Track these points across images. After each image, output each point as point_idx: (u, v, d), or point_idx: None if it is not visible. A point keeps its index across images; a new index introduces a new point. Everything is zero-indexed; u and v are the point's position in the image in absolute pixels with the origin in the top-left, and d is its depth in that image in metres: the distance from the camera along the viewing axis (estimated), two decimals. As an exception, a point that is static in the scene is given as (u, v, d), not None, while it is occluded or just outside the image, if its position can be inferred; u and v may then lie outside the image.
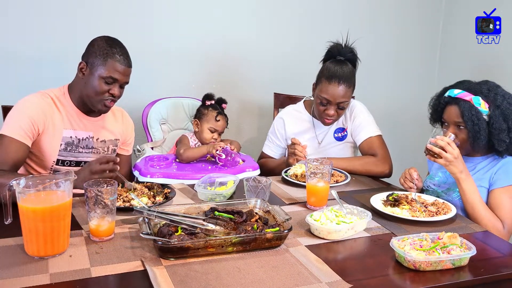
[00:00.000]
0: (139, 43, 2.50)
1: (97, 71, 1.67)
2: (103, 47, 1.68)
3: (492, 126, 1.59)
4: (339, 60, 2.01)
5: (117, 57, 1.67)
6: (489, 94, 1.62)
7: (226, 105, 2.19)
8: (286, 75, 2.84)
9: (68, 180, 1.22)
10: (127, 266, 1.15)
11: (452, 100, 1.66)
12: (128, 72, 1.73)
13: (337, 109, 2.00)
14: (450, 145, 1.56)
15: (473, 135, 1.61)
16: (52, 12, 2.32)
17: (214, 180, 1.73)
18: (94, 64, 1.68)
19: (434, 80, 3.25)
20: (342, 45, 2.03)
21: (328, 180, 1.57)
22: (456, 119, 1.64)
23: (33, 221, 1.16)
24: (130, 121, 1.99)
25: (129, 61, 1.72)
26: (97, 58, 1.67)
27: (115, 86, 1.70)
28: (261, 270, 1.14)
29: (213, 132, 2.12)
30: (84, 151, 1.80)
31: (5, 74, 2.31)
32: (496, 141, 1.60)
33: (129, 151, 2.01)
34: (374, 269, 1.20)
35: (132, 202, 1.50)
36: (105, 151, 1.86)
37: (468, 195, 1.58)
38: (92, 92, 1.69)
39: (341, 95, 1.96)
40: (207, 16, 2.63)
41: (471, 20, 2.86)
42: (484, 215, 1.55)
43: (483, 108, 1.60)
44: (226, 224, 1.31)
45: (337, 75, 1.95)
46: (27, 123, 1.64)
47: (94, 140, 1.82)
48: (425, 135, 3.31)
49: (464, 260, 1.20)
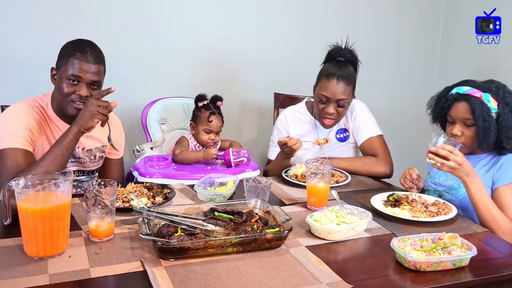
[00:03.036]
0: (139, 43, 2.50)
1: (62, 73, 1.63)
2: (67, 49, 1.65)
3: (501, 123, 1.59)
4: (338, 61, 2.02)
5: (78, 55, 1.61)
6: (498, 92, 1.61)
7: (221, 102, 2.14)
8: (286, 75, 2.84)
9: (68, 181, 1.21)
10: (126, 266, 1.15)
11: (461, 96, 1.64)
12: (93, 69, 1.63)
13: (337, 107, 2.00)
14: (453, 152, 1.49)
15: (483, 132, 1.59)
16: (52, 12, 2.32)
17: (214, 180, 1.73)
18: (60, 67, 1.64)
19: (434, 80, 3.25)
20: (342, 47, 2.04)
21: (328, 181, 1.57)
22: (466, 115, 1.62)
23: (32, 221, 1.15)
24: (118, 123, 1.93)
25: (93, 58, 1.63)
26: (62, 60, 1.64)
27: (81, 85, 1.63)
28: (261, 271, 1.14)
29: (209, 133, 2.10)
30: (70, 161, 1.73)
31: (5, 74, 2.31)
32: (504, 138, 1.60)
33: (119, 154, 1.95)
34: (375, 270, 1.20)
35: (131, 203, 1.50)
36: (91, 159, 1.81)
37: (476, 196, 1.52)
38: (60, 95, 1.64)
39: (340, 91, 1.96)
40: (207, 16, 2.62)
41: (471, 20, 2.86)
42: (496, 214, 1.50)
43: (492, 105, 1.60)
44: (226, 224, 1.31)
45: (336, 73, 1.96)
46: (24, 130, 1.58)
47: (79, 150, 1.76)
48: (425, 135, 3.30)
49: (465, 260, 1.19)
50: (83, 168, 1.82)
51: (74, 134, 1.55)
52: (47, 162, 1.50)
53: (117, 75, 2.13)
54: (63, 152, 1.53)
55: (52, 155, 1.51)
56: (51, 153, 1.52)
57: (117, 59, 2.13)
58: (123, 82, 2.46)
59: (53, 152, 1.52)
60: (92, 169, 1.85)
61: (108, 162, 1.92)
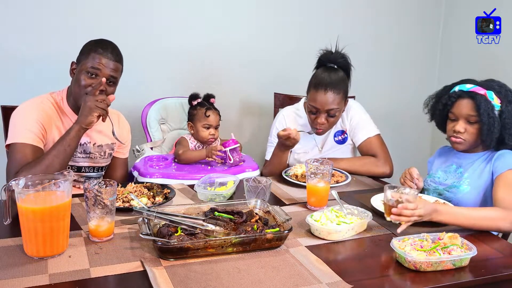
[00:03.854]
0: (139, 43, 2.50)
1: (82, 66, 1.68)
2: (90, 45, 1.71)
3: (505, 120, 1.60)
4: (328, 67, 1.98)
5: (99, 50, 1.67)
6: (501, 90, 1.63)
7: (214, 99, 2.16)
8: (286, 75, 2.84)
9: (68, 180, 1.21)
10: (126, 266, 1.15)
11: (464, 93, 1.64)
12: (113, 66, 1.69)
13: (328, 117, 1.96)
14: (407, 208, 1.34)
15: (488, 128, 1.60)
16: (52, 12, 2.32)
17: (214, 180, 1.73)
18: (80, 61, 1.69)
19: (434, 80, 3.24)
20: (332, 51, 2.00)
21: (328, 181, 1.57)
22: (470, 112, 1.62)
23: (32, 221, 1.16)
24: (127, 124, 1.98)
25: (114, 56, 1.70)
26: (83, 55, 1.70)
27: (99, 79, 1.66)
28: (261, 271, 1.14)
29: (208, 128, 2.11)
30: (82, 157, 1.79)
31: (5, 74, 2.31)
32: (507, 135, 1.61)
33: (125, 154, 1.98)
34: (375, 270, 1.20)
35: (131, 203, 1.50)
36: (101, 155, 1.85)
37: (454, 221, 1.42)
38: (77, 88, 1.68)
39: (329, 102, 1.91)
40: (207, 16, 2.62)
41: (471, 20, 2.86)
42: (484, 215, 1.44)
43: (495, 103, 1.61)
44: (226, 224, 1.31)
45: (324, 83, 1.91)
46: (36, 126, 1.63)
47: (91, 145, 1.80)
48: (425, 135, 3.33)
49: (465, 260, 1.19)
50: (94, 164, 1.84)
51: (76, 131, 1.60)
52: (50, 157, 1.56)
53: (117, 75, 2.14)
54: (65, 148, 1.58)
55: (55, 151, 1.57)
56: (54, 149, 1.58)
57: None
58: (123, 82, 2.44)
59: (56, 148, 1.58)
60: (102, 165, 1.88)
61: (114, 161, 1.94)
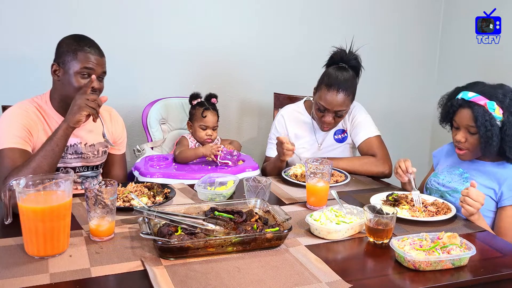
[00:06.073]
0: (139, 43, 2.51)
1: (71, 68, 1.64)
2: (71, 44, 1.66)
3: (505, 132, 1.56)
4: (340, 67, 1.99)
5: (86, 49, 1.64)
6: (504, 100, 1.57)
7: (216, 99, 2.17)
8: (286, 75, 2.84)
9: (68, 180, 1.22)
10: (127, 266, 1.15)
11: (465, 103, 1.61)
12: (101, 62, 1.68)
13: (335, 117, 1.99)
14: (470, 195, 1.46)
15: (485, 141, 1.57)
16: (52, 12, 2.33)
17: (214, 180, 1.73)
18: (66, 62, 1.64)
19: (434, 80, 3.25)
20: (346, 51, 2.01)
21: (328, 180, 1.57)
22: (469, 123, 1.60)
23: (33, 221, 1.16)
24: (119, 119, 1.95)
25: (100, 51, 1.68)
26: (68, 55, 1.64)
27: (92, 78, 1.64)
28: (261, 270, 1.14)
29: (205, 129, 2.12)
30: (73, 157, 1.76)
31: (5, 74, 2.31)
32: (508, 148, 1.57)
33: (122, 150, 1.96)
34: (374, 269, 1.20)
35: (132, 202, 1.50)
36: (94, 154, 1.82)
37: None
38: (71, 91, 1.64)
39: (339, 103, 1.94)
40: (207, 16, 2.63)
41: (471, 20, 2.86)
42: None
43: (497, 114, 1.56)
44: (226, 224, 1.31)
45: (337, 83, 1.92)
46: (22, 131, 1.60)
47: (82, 145, 1.78)
48: (425, 135, 3.33)
49: (464, 260, 1.20)
50: (88, 164, 1.83)
51: (64, 130, 1.56)
52: (39, 158, 1.52)
53: (117, 75, 2.14)
54: (53, 148, 1.54)
55: (43, 152, 1.53)
56: (42, 150, 1.54)
57: (118, 59, 2.13)
58: (123, 82, 2.47)
59: (44, 149, 1.54)
60: (97, 164, 1.86)
61: (111, 158, 1.93)
